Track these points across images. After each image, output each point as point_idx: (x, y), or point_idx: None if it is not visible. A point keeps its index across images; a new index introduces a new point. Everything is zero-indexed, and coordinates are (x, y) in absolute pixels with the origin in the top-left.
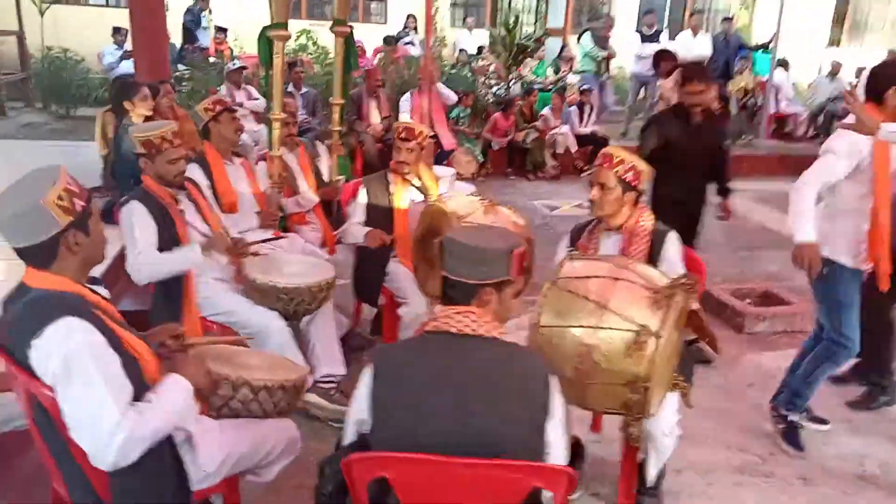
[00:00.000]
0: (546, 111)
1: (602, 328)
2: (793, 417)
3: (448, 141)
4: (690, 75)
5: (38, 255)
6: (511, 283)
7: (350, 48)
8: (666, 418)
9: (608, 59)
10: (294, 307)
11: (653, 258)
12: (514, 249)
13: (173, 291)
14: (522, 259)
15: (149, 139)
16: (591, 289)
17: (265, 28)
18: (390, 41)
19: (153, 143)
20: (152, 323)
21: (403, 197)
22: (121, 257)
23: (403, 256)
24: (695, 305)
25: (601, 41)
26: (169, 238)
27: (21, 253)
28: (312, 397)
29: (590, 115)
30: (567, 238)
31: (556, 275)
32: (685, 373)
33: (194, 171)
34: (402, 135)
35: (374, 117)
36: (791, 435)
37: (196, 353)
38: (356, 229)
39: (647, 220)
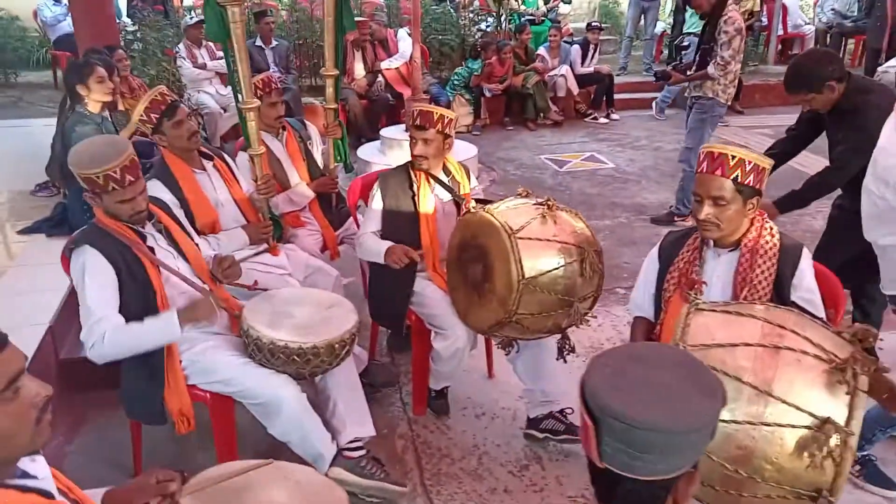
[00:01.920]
0: (542, 50)
1: (766, 424)
2: (865, 452)
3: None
4: None
5: None
6: None
7: (344, 5)
8: None
9: None
10: (311, 369)
11: (780, 284)
12: (723, 399)
13: (149, 353)
14: None
15: (90, 177)
16: (742, 364)
17: None
18: None
19: (96, 183)
20: (125, 398)
21: (429, 197)
22: (72, 295)
23: (434, 273)
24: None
25: None
26: (137, 288)
27: None
28: (340, 473)
29: (594, 55)
30: (654, 255)
31: (682, 338)
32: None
33: (157, 189)
34: (417, 121)
35: (359, 71)
36: (873, 473)
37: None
38: (372, 242)
39: (771, 233)
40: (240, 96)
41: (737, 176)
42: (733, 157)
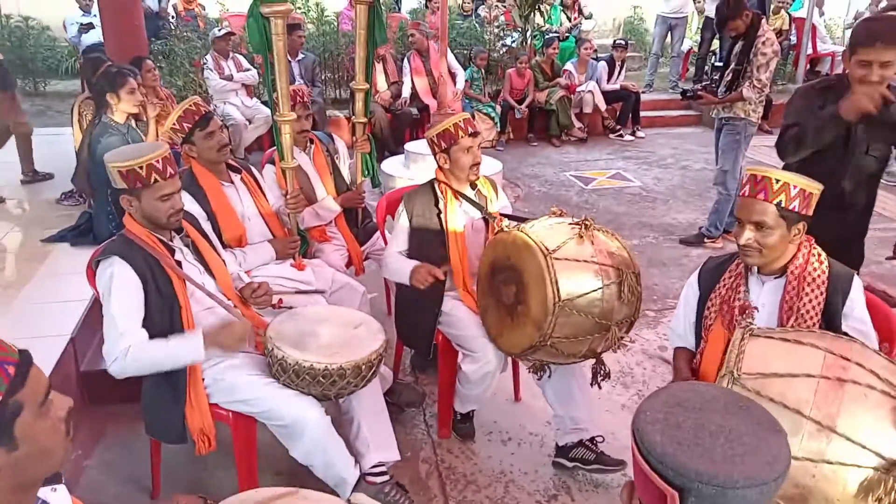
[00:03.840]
0: (570, 66)
1: (828, 462)
2: None
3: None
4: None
5: None
6: None
7: (376, 19)
8: None
9: None
10: (337, 391)
11: (829, 314)
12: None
13: (171, 370)
14: None
15: (132, 169)
16: (803, 397)
17: (255, 3)
18: (392, 7)
19: (138, 175)
20: (145, 415)
21: (457, 214)
22: (94, 306)
23: (464, 292)
24: None
25: None
26: (163, 302)
27: None
28: (363, 499)
29: (620, 72)
30: (694, 282)
31: (735, 367)
32: None
33: (185, 201)
34: (470, 130)
35: (381, 83)
36: None
37: None
38: (397, 261)
39: (820, 260)
40: (276, 108)
41: (780, 201)
42: (777, 180)
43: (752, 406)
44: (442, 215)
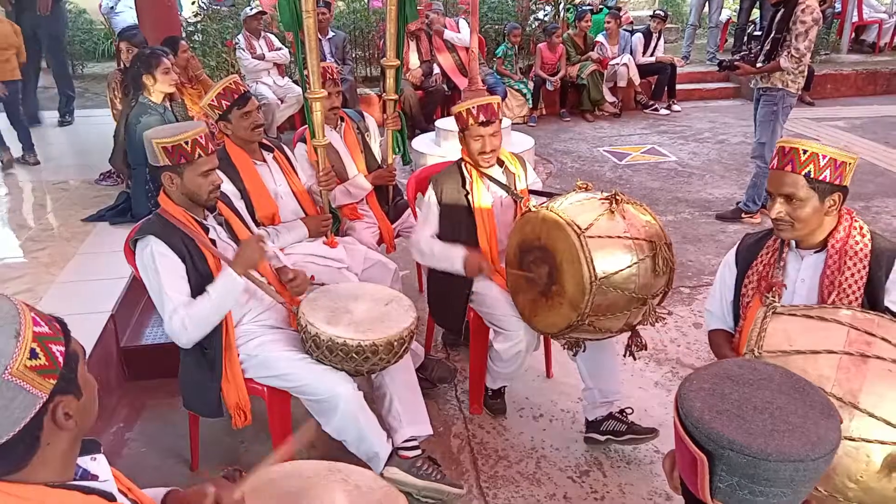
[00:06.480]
0: (601, 38)
1: (851, 438)
2: None
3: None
4: None
5: (7, 459)
6: None
7: None
8: None
9: None
10: (369, 366)
11: (872, 289)
12: (839, 416)
13: (207, 345)
14: None
15: (178, 144)
16: (825, 373)
17: None
18: None
19: (183, 150)
20: (183, 390)
21: (484, 194)
22: (133, 284)
23: (494, 272)
24: None
25: None
26: (199, 280)
27: None
28: (396, 473)
29: (657, 44)
30: (731, 260)
31: (757, 345)
32: None
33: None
34: (481, 118)
35: (413, 61)
36: None
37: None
38: (440, 247)
39: (862, 233)
40: (308, 85)
41: (809, 171)
42: (805, 150)
43: (809, 389)
44: (469, 195)
